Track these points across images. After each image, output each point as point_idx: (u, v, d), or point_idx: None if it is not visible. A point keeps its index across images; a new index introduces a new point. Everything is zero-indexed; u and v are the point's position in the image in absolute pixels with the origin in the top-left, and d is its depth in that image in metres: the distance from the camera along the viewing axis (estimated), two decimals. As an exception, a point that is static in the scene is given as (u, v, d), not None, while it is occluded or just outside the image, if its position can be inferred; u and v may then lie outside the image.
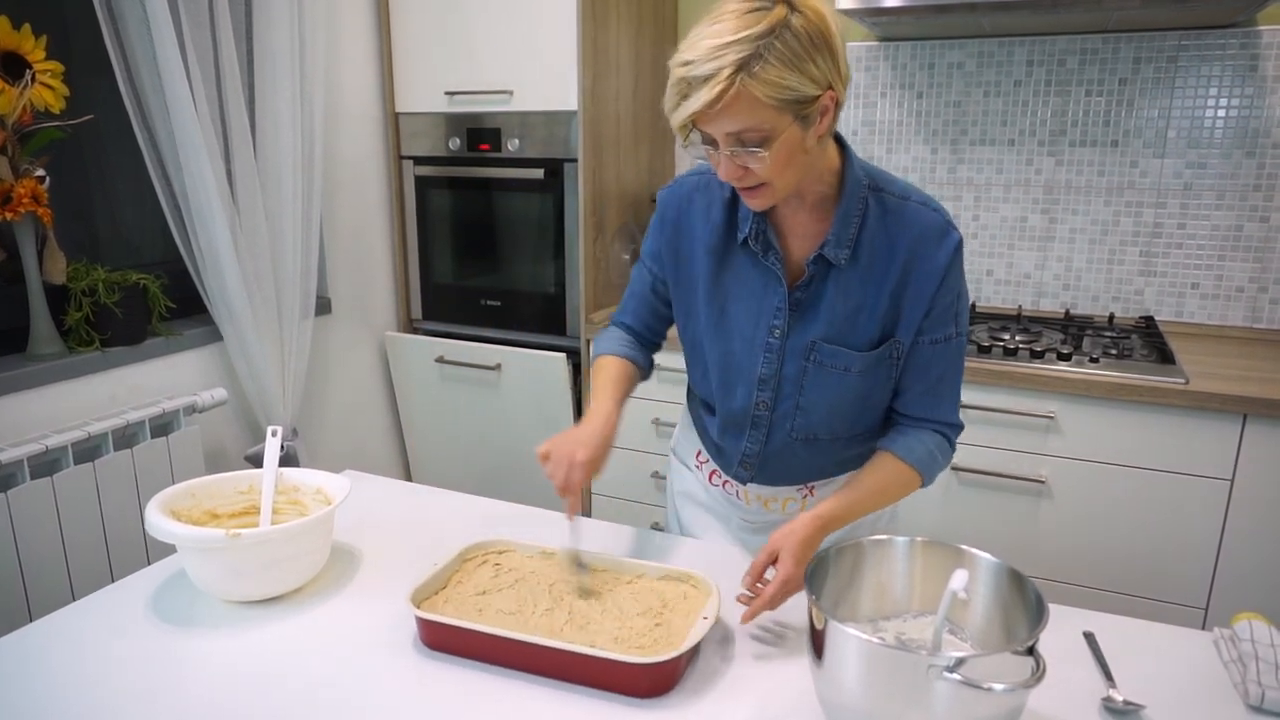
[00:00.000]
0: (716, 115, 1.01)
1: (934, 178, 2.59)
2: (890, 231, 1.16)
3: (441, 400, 2.72)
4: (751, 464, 1.31)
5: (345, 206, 2.59)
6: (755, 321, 1.21)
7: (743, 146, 1.03)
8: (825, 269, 1.17)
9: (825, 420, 1.24)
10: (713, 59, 0.98)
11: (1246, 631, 1.05)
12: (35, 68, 1.73)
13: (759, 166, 1.04)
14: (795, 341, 1.19)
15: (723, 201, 1.22)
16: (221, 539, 1.11)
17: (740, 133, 1.02)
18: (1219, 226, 2.34)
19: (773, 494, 1.35)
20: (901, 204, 1.17)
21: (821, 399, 1.22)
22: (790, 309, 1.19)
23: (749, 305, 1.21)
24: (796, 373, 1.21)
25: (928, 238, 1.15)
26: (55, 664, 1.06)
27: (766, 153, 1.03)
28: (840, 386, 1.20)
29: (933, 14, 2.11)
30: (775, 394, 1.23)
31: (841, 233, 1.15)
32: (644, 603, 1.12)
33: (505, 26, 2.45)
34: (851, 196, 1.15)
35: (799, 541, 1.10)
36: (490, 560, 1.23)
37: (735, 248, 1.21)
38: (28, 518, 1.68)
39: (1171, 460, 1.94)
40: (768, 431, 1.27)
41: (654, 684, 1.00)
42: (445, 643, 1.08)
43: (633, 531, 1.42)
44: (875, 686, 0.85)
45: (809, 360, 1.20)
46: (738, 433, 1.29)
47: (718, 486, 1.40)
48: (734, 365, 1.24)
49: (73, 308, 1.88)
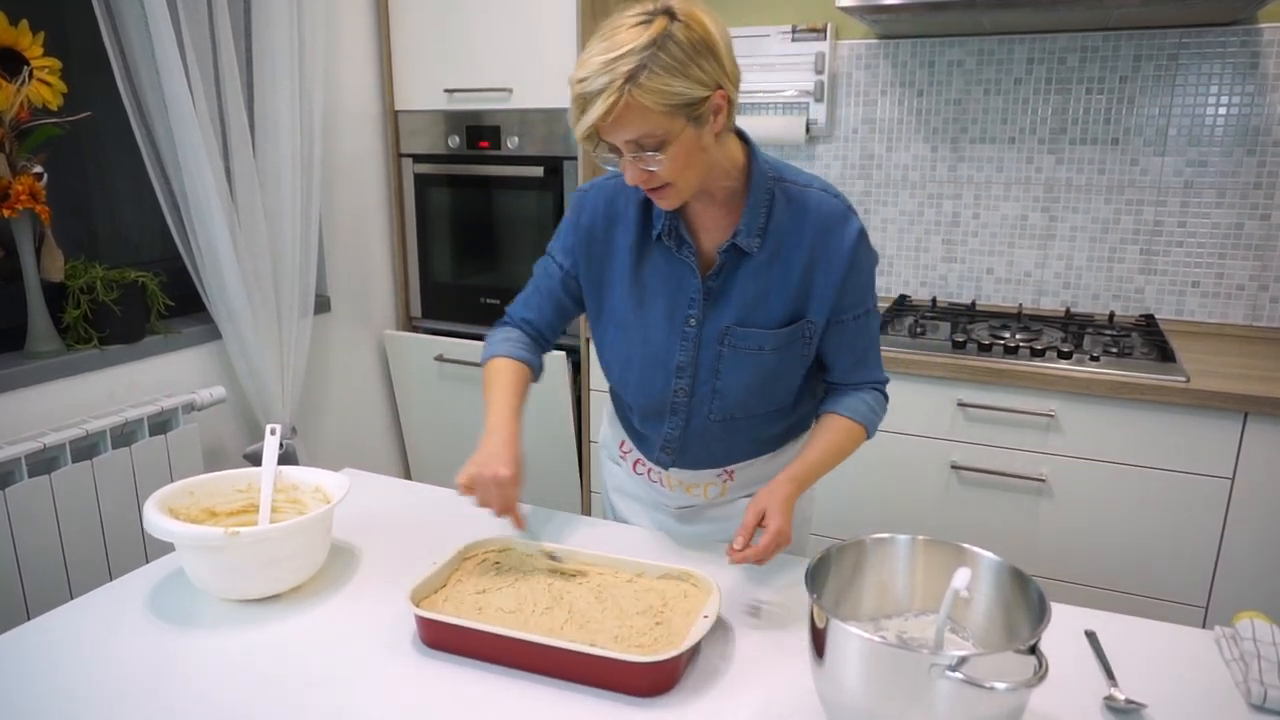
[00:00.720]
0: (612, 126, 1.09)
1: (934, 176, 2.59)
2: (796, 218, 1.24)
3: (441, 398, 2.72)
4: (672, 449, 1.35)
5: (344, 204, 2.59)
6: (671, 313, 1.27)
7: (642, 151, 1.11)
8: (737, 257, 1.24)
9: (741, 401, 1.30)
10: (603, 74, 1.06)
11: (1248, 630, 1.05)
12: (33, 64, 1.72)
13: (660, 169, 1.12)
14: (710, 328, 1.26)
15: (638, 201, 1.28)
16: (220, 537, 1.11)
17: (638, 139, 1.10)
18: (1220, 224, 2.34)
19: (693, 479, 1.39)
20: (805, 191, 1.25)
21: (738, 381, 1.27)
22: (704, 298, 1.25)
23: (665, 298, 1.27)
24: (712, 358, 1.27)
25: (831, 223, 1.23)
26: (53, 662, 1.05)
27: (664, 155, 1.11)
28: (754, 366, 1.26)
29: (932, 11, 2.11)
30: (693, 380, 1.29)
31: (751, 222, 1.22)
32: (644, 601, 1.12)
33: (504, 24, 2.44)
34: (758, 189, 1.23)
35: (783, 498, 1.20)
36: (490, 559, 1.23)
37: (651, 244, 1.28)
38: (26, 516, 1.68)
39: (1172, 459, 1.94)
40: (687, 416, 1.32)
41: (655, 683, 1.00)
42: (445, 641, 1.07)
43: (631, 530, 1.41)
44: (877, 685, 0.85)
45: (724, 345, 1.26)
46: (658, 420, 1.34)
47: (641, 475, 1.44)
48: (652, 356, 1.29)
49: (71, 305, 1.88)
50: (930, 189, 2.60)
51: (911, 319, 2.38)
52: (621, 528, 1.42)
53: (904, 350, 2.14)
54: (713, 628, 1.07)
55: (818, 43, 2.57)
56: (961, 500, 2.15)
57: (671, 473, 1.39)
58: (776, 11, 2.64)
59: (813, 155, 2.71)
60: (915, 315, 2.43)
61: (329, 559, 1.28)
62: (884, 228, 2.68)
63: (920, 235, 2.64)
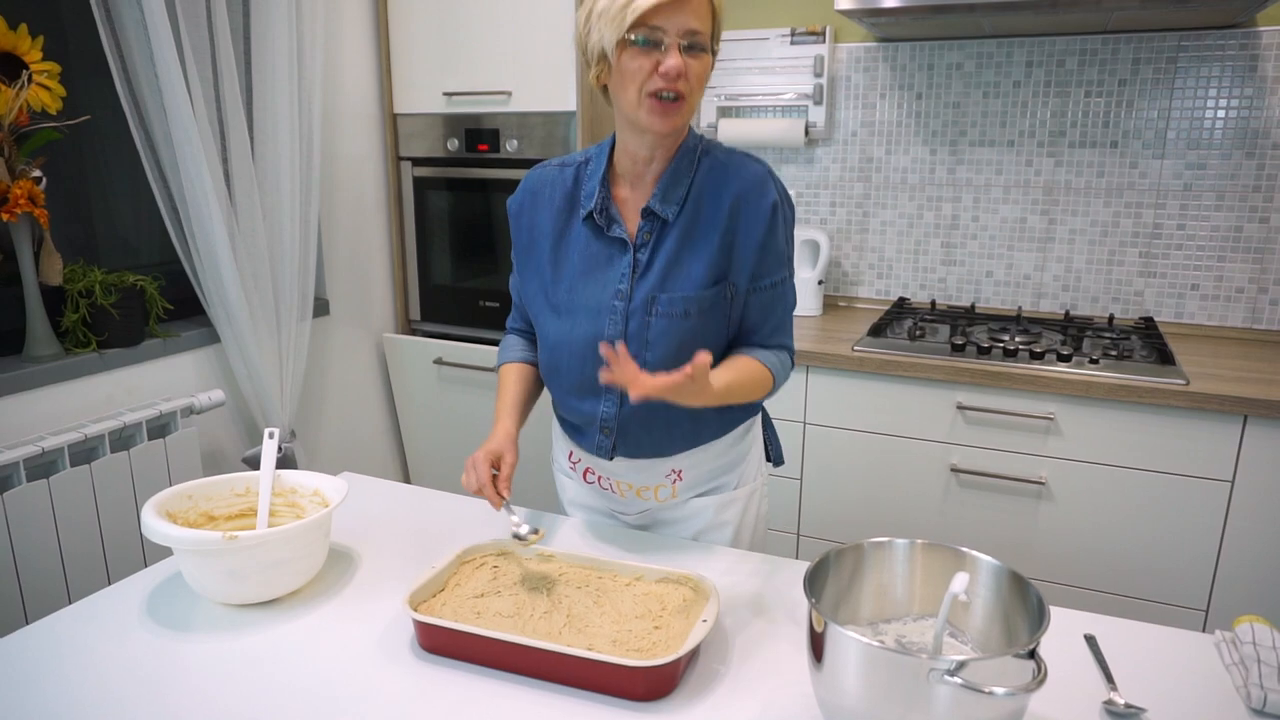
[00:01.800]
0: (682, 7, 1.13)
1: (933, 179, 2.59)
2: (716, 182, 1.26)
3: (440, 402, 2.72)
4: (610, 428, 1.34)
5: (343, 207, 2.59)
6: (601, 290, 1.28)
7: (693, 48, 1.16)
8: (659, 226, 1.26)
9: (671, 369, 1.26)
10: None
11: (1248, 634, 1.04)
12: (32, 68, 1.72)
13: (698, 69, 1.17)
14: (636, 300, 1.27)
15: (564, 188, 1.32)
16: (218, 541, 1.10)
17: (696, 32, 1.15)
18: (1219, 227, 2.34)
19: (643, 480, 1.38)
20: (729, 156, 1.28)
21: (666, 350, 1.27)
22: (633, 272, 1.27)
23: (595, 277, 1.29)
24: (640, 328, 1.27)
25: (752, 185, 1.25)
26: (51, 667, 1.05)
27: (707, 57, 1.18)
28: (680, 332, 1.27)
29: (932, 14, 2.11)
30: None
31: (669, 190, 1.25)
32: (643, 605, 1.12)
33: (503, 27, 2.44)
34: (684, 157, 1.27)
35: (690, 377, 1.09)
36: (489, 563, 1.23)
37: (577, 226, 1.30)
38: (24, 520, 1.67)
39: (1172, 461, 1.94)
40: (620, 393, 1.31)
41: (653, 687, 0.99)
42: (443, 646, 1.07)
43: (629, 533, 1.41)
44: (875, 690, 0.84)
45: (650, 314, 1.27)
46: (594, 399, 1.33)
47: (593, 484, 1.44)
48: (584, 334, 1.30)
49: (69, 309, 1.88)
50: (929, 192, 2.60)
51: (911, 321, 2.38)
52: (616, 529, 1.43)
53: (903, 353, 2.14)
54: (711, 632, 1.07)
55: (817, 46, 2.58)
56: (961, 503, 2.15)
57: (620, 476, 1.39)
58: (775, 14, 2.64)
59: (812, 158, 2.71)
60: (914, 318, 2.43)
61: (327, 563, 1.28)
62: (883, 230, 2.68)
63: (919, 238, 2.64)
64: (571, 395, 1.35)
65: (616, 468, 1.38)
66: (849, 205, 2.70)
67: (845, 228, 2.72)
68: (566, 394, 1.36)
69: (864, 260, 2.72)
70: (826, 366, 2.20)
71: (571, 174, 1.32)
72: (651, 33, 1.14)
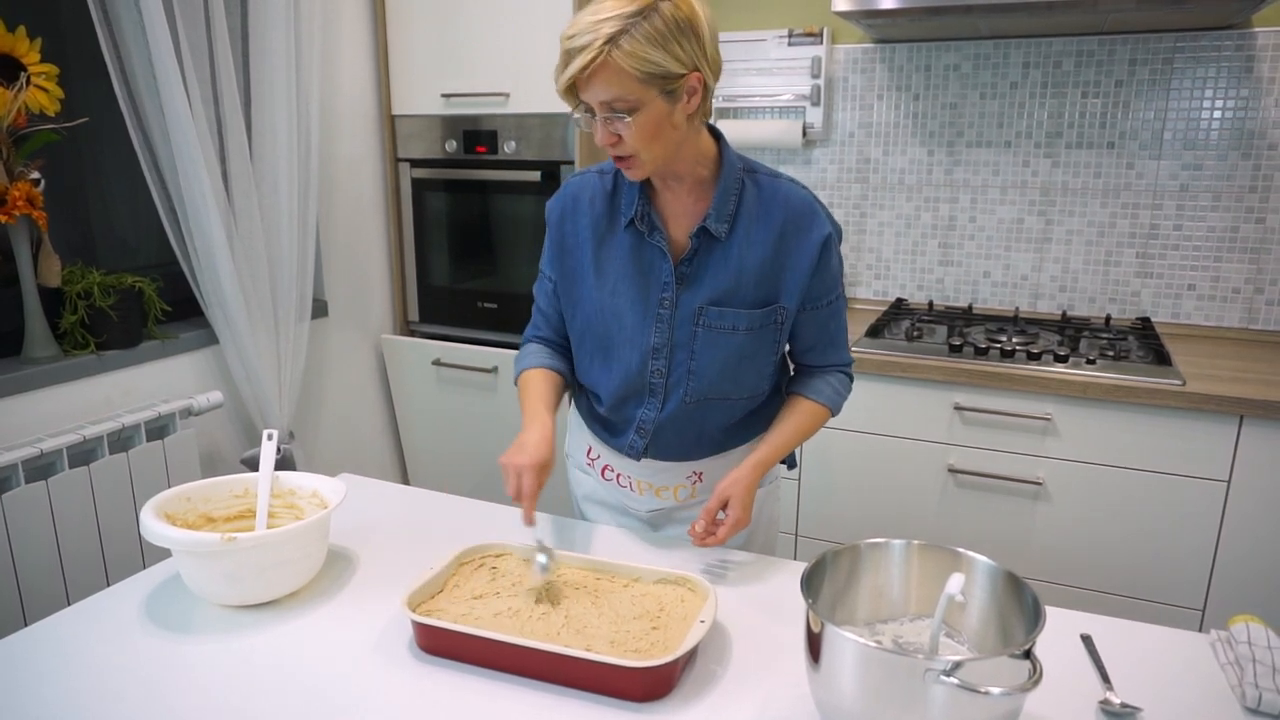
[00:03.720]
0: (589, 82, 1.14)
1: (930, 179, 2.60)
2: (766, 206, 1.28)
3: (438, 403, 2.72)
4: (646, 431, 1.36)
5: (341, 209, 2.59)
6: (645, 296, 1.30)
7: (613, 113, 1.15)
8: (708, 242, 1.28)
9: (716, 382, 1.33)
10: (589, 32, 1.11)
11: (1244, 634, 1.05)
12: (30, 70, 1.72)
13: (626, 134, 1.16)
14: (684, 310, 1.29)
15: (604, 193, 1.33)
16: (216, 543, 1.11)
17: (611, 101, 1.14)
18: (1215, 228, 2.34)
19: (663, 480, 1.41)
20: (774, 182, 1.30)
21: (713, 361, 1.31)
22: (677, 281, 1.29)
23: (637, 282, 1.30)
24: (687, 338, 1.30)
25: (800, 213, 1.28)
26: (50, 668, 1.05)
27: (633, 121, 1.15)
28: (728, 346, 1.30)
29: (928, 16, 2.11)
30: (669, 361, 1.32)
31: (721, 208, 1.26)
32: (641, 606, 1.12)
33: (501, 29, 2.45)
34: (729, 176, 1.27)
35: (745, 489, 1.27)
36: (487, 564, 1.23)
37: (619, 232, 1.31)
38: (22, 522, 1.67)
39: (1168, 462, 1.94)
40: (663, 398, 1.34)
41: (650, 688, 1.00)
42: (441, 647, 1.07)
43: (626, 534, 1.42)
44: (872, 690, 0.85)
45: (698, 325, 1.29)
46: (635, 404, 1.36)
47: (610, 481, 1.46)
48: (628, 339, 1.32)
49: (68, 311, 1.88)
50: (927, 192, 2.61)
51: (908, 322, 2.39)
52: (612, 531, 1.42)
53: (900, 353, 2.14)
54: (709, 632, 1.07)
55: (814, 47, 2.58)
56: (958, 503, 2.15)
57: (641, 475, 1.41)
58: (773, 16, 2.64)
59: (809, 159, 2.71)
60: (912, 318, 2.43)
61: (326, 564, 1.28)
62: (880, 231, 2.68)
63: (917, 239, 2.65)
64: (614, 396, 1.37)
65: (639, 468, 1.40)
66: (846, 206, 2.70)
67: (843, 228, 2.71)
68: (610, 394, 1.37)
69: (861, 261, 2.73)
70: (824, 367, 2.20)
71: (610, 181, 1.33)
72: (583, 104, 1.18)
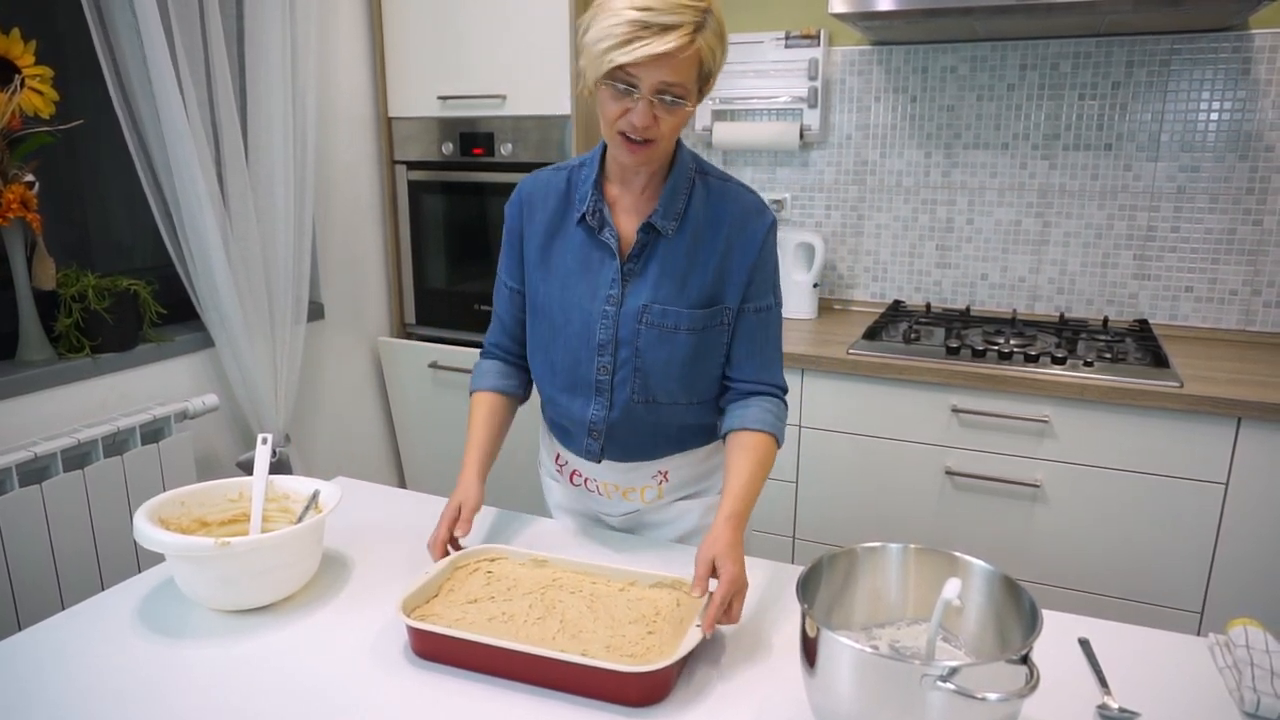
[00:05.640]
0: (662, 63, 1.11)
1: (928, 181, 2.60)
2: (714, 208, 1.28)
3: (435, 406, 2.71)
4: (599, 432, 1.35)
5: (338, 211, 2.58)
6: (593, 293, 1.30)
7: (666, 99, 1.14)
8: (654, 239, 1.28)
9: (662, 381, 1.31)
10: (674, 12, 1.09)
11: (1242, 638, 1.05)
12: (25, 73, 1.72)
13: (667, 120, 1.16)
14: (629, 306, 1.29)
15: (558, 192, 1.33)
16: (210, 547, 1.10)
17: (672, 85, 1.13)
18: (1212, 230, 2.34)
19: (629, 481, 1.40)
20: (724, 185, 1.31)
21: (657, 359, 1.30)
22: (623, 278, 1.29)
23: (586, 279, 1.30)
24: (631, 335, 1.29)
25: (747, 213, 1.29)
26: (44, 673, 1.05)
27: (678, 107, 1.15)
28: (673, 345, 1.29)
29: (925, 18, 2.11)
30: (614, 358, 1.31)
31: (669, 206, 1.27)
32: (637, 610, 1.12)
33: (498, 31, 2.44)
34: (680, 175, 1.27)
35: (728, 544, 1.14)
36: (482, 568, 1.23)
37: (570, 228, 1.32)
38: (17, 525, 1.67)
39: (1166, 464, 1.94)
40: (610, 397, 1.33)
41: (646, 693, 0.99)
42: (436, 652, 1.07)
43: (618, 536, 1.42)
44: (868, 696, 0.84)
45: (641, 323, 1.28)
46: (584, 402, 1.35)
47: (579, 486, 1.45)
48: (575, 334, 1.32)
49: (63, 313, 1.87)
50: (924, 194, 2.61)
51: (905, 324, 2.38)
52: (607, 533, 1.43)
53: (898, 356, 2.14)
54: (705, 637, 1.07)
55: (811, 49, 2.58)
56: (955, 506, 2.15)
57: (605, 478, 1.40)
58: (770, 18, 2.64)
59: (807, 161, 2.71)
60: (909, 321, 2.43)
61: (321, 568, 1.27)
62: (878, 233, 2.68)
63: (914, 241, 2.65)
64: (562, 395, 1.37)
65: (603, 470, 1.40)
66: (844, 208, 2.70)
67: (840, 231, 2.72)
68: (557, 393, 1.37)
69: (859, 263, 2.73)
70: (821, 370, 2.20)
71: (565, 177, 1.34)
72: (627, 79, 1.14)
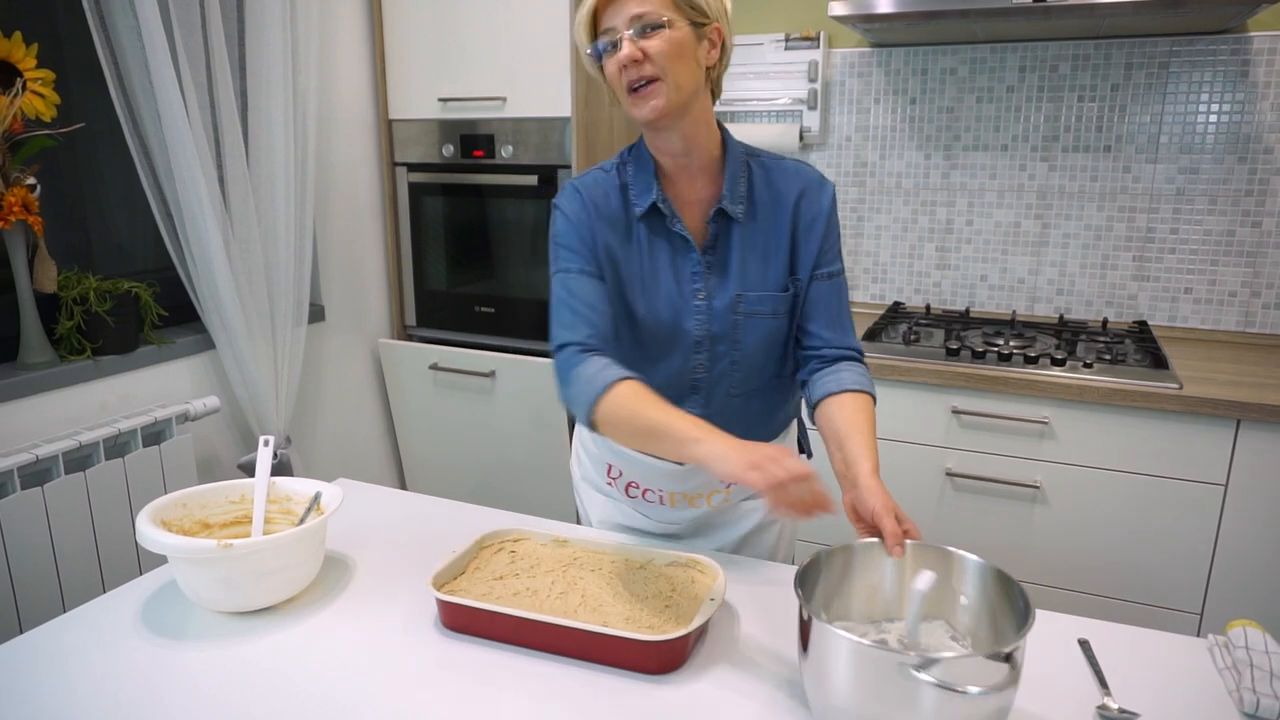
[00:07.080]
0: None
1: (927, 183, 2.60)
2: (775, 186, 1.28)
3: (436, 408, 2.72)
4: None
5: (338, 213, 2.59)
6: (679, 289, 1.27)
7: (644, 27, 1.14)
8: (727, 227, 1.27)
9: (761, 370, 1.31)
10: None
11: (1241, 639, 1.05)
12: (26, 76, 1.72)
13: (655, 48, 1.13)
14: (720, 300, 1.27)
15: (616, 188, 1.29)
16: (212, 550, 1.10)
17: (642, 14, 1.13)
18: (1211, 231, 2.35)
19: (698, 487, 1.35)
20: (779, 162, 1.31)
21: (757, 348, 1.29)
22: (706, 270, 1.27)
23: (668, 275, 1.27)
24: (728, 328, 1.27)
25: (811, 186, 1.29)
26: (45, 676, 1.05)
27: (662, 37, 1.13)
28: (770, 331, 1.29)
29: (925, 20, 2.12)
30: (711, 354, 1.29)
31: (733, 190, 1.26)
32: (654, 586, 1.17)
33: (498, 33, 2.45)
34: (735, 159, 1.27)
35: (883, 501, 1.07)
36: (506, 548, 1.28)
37: (635, 226, 1.28)
38: (18, 528, 1.67)
39: (1166, 465, 1.94)
40: (708, 393, 1.31)
41: (664, 661, 1.04)
42: (466, 624, 1.12)
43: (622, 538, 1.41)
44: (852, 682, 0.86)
45: (738, 314, 1.27)
46: (677, 402, 1.23)
47: (635, 498, 1.40)
48: (666, 335, 1.28)
49: (64, 316, 1.88)
50: (924, 196, 2.61)
51: (905, 326, 2.39)
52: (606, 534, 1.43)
53: (898, 357, 2.14)
54: (720, 610, 1.13)
55: (811, 51, 2.58)
56: (955, 507, 2.15)
57: (674, 486, 1.35)
58: (770, 20, 2.65)
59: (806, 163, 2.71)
60: (909, 322, 2.44)
61: (323, 570, 1.28)
62: (878, 235, 2.69)
63: (914, 242, 2.65)
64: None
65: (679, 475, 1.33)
66: (843, 210, 2.71)
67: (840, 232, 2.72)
68: None
69: (859, 265, 2.73)
70: (821, 371, 2.20)
71: (616, 177, 1.30)
72: (608, 35, 1.16)
